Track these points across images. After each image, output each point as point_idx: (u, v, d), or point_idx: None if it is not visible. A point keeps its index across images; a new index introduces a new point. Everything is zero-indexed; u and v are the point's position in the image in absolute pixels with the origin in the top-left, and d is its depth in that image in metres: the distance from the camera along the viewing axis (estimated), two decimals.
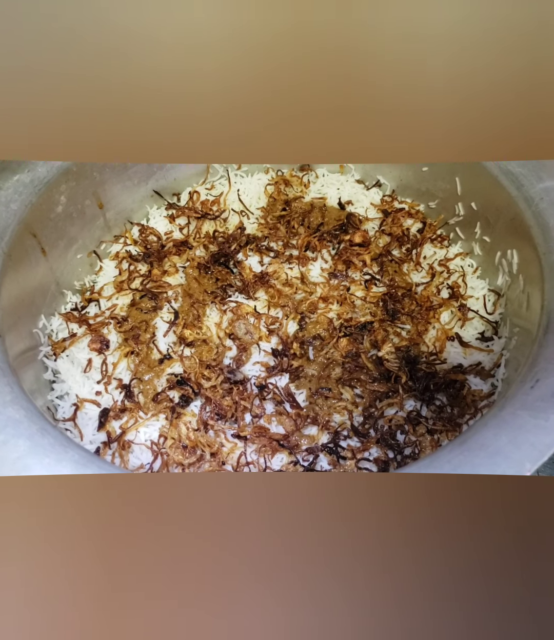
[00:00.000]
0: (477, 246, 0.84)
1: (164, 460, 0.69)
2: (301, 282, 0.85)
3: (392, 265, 0.87)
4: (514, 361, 0.69)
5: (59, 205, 0.78)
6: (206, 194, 0.96)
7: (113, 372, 0.77)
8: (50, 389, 0.76)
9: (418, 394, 0.73)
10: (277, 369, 0.77)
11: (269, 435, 0.71)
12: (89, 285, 0.88)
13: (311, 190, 0.97)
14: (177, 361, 0.78)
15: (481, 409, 0.71)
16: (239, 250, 0.88)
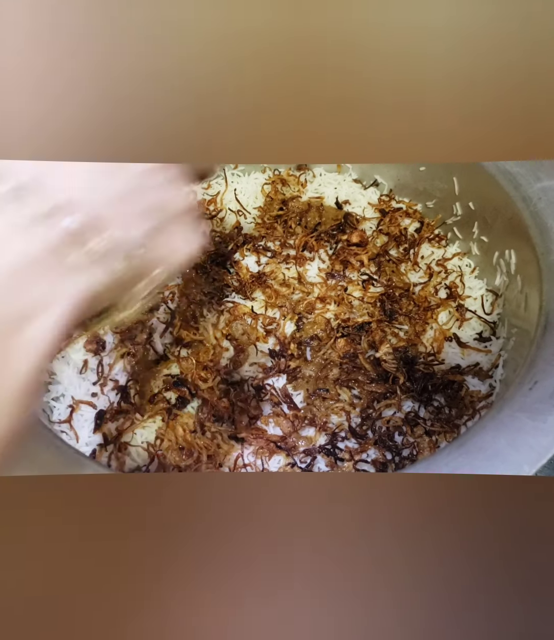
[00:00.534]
0: (475, 246, 0.84)
1: (160, 462, 0.69)
2: (299, 283, 0.85)
3: (389, 265, 0.86)
4: (512, 362, 0.68)
5: None
6: (203, 193, 0.95)
7: (109, 373, 0.77)
8: (46, 391, 0.76)
9: (416, 395, 0.72)
10: (275, 370, 0.76)
11: (266, 437, 0.71)
12: None
13: (308, 190, 0.96)
14: (174, 362, 0.77)
15: (479, 410, 0.70)
16: (236, 250, 0.88)
